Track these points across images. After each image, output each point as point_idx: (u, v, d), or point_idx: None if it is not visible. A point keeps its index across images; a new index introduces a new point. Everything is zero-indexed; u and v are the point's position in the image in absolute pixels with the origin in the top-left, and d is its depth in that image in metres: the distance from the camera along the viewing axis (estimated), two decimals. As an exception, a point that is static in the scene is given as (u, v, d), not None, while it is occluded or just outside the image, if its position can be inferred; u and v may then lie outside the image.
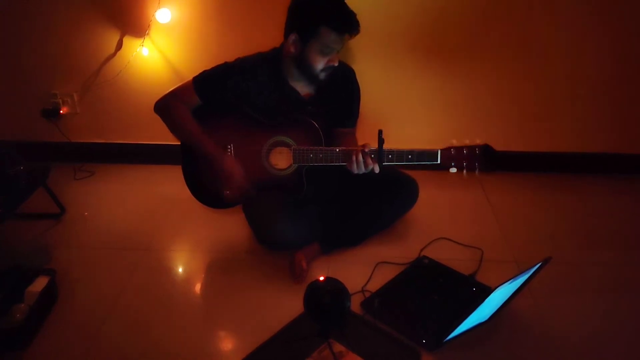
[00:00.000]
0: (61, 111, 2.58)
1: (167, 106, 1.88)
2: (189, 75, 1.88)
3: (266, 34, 2.11)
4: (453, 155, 1.72)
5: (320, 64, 1.79)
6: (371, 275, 1.85)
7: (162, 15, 2.30)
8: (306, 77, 1.85)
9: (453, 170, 1.73)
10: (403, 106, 2.50)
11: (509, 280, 1.43)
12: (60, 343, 1.61)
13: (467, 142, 1.71)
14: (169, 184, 2.46)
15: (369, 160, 1.72)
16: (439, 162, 1.73)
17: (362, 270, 1.87)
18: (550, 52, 2.35)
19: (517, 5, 2.26)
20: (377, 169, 1.73)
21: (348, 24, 1.74)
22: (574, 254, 1.99)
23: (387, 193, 1.99)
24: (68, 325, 1.67)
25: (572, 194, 2.45)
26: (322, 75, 1.83)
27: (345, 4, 1.76)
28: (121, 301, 1.77)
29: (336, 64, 1.82)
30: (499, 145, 2.49)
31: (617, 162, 2.57)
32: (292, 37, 1.78)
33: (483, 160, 1.72)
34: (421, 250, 2.00)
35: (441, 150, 1.72)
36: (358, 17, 1.75)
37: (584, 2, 2.24)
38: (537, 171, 2.59)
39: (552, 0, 2.25)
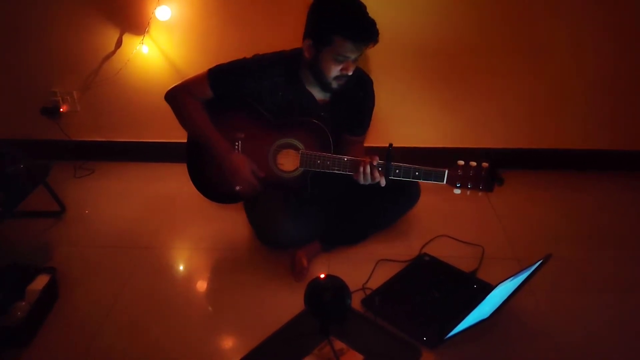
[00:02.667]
0: (61, 109, 2.57)
1: (178, 97, 1.86)
2: (189, 73, 1.88)
3: (267, 30, 2.11)
4: (460, 176, 1.70)
5: (333, 72, 1.74)
6: (372, 273, 1.85)
7: (162, 13, 2.30)
8: (319, 83, 1.82)
9: (457, 191, 1.71)
10: (406, 106, 2.49)
11: (510, 277, 1.43)
12: (61, 341, 1.61)
13: (473, 163, 1.69)
14: (170, 182, 2.46)
15: (376, 173, 1.71)
16: (444, 182, 1.71)
17: (362, 268, 1.87)
18: (553, 50, 2.34)
19: (521, 5, 2.25)
20: (383, 183, 1.73)
21: (363, 34, 1.66)
22: (575, 251, 1.99)
23: (388, 193, 1.96)
24: (69, 323, 1.67)
25: (574, 191, 2.44)
26: (335, 84, 1.79)
27: (363, 12, 1.68)
28: (122, 299, 1.77)
29: (350, 73, 1.76)
30: (501, 143, 2.52)
31: (620, 159, 2.57)
32: (307, 42, 1.74)
33: (488, 182, 1.69)
34: (422, 247, 2.00)
35: (448, 170, 1.70)
36: None
37: (585, 0, 2.23)
38: (537, 168, 2.59)
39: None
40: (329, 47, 1.69)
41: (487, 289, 1.42)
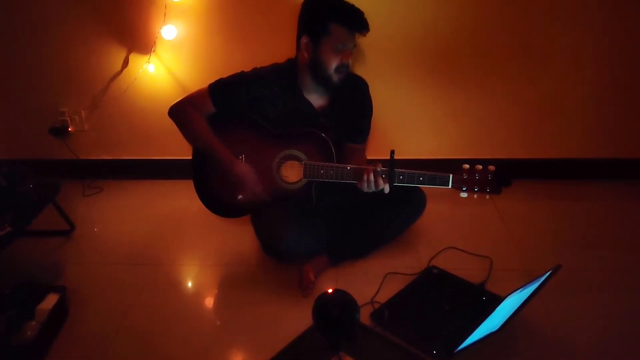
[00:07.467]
0: (69, 129, 2.60)
1: (181, 112, 1.90)
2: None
3: (271, 49, 2.13)
4: (465, 180, 1.70)
5: (333, 63, 1.80)
6: (380, 286, 1.84)
7: (168, 32, 2.33)
8: (320, 80, 1.86)
9: (464, 195, 1.71)
10: (408, 115, 2.50)
11: (519, 288, 1.42)
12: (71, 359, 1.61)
13: (479, 166, 1.69)
14: (178, 199, 2.48)
15: (380, 180, 1.72)
16: (450, 187, 1.71)
17: (371, 281, 1.86)
18: (554, 59, 2.34)
19: (520, 13, 2.27)
20: (387, 189, 1.73)
21: (357, 20, 1.77)
22: (584, 260, 1.97)
23: (394, 204, 1.98)
24: (79, 342, 1.68)
25: (580, 200, 2.43)
26: (337, 78, 1.84)
27: (351, 3, 1.79)
28: (131, 317, 1.78)
29: (349, 61, 1.83)
30: (504, 153, 2.52)
31: (624, 167, 2.56)
32: (304, 40, 1.81)
33: (495, 185, 1.70)
34: (430, 260, 1.99)
35: (453, 174, 1.70)
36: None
37: (585, 6, 2.24)
38: (544, 178, 2.58)
39: (553, 5, 2.25)
40: (326, 38, 1.77)
41: (496, 300, 1.41)
